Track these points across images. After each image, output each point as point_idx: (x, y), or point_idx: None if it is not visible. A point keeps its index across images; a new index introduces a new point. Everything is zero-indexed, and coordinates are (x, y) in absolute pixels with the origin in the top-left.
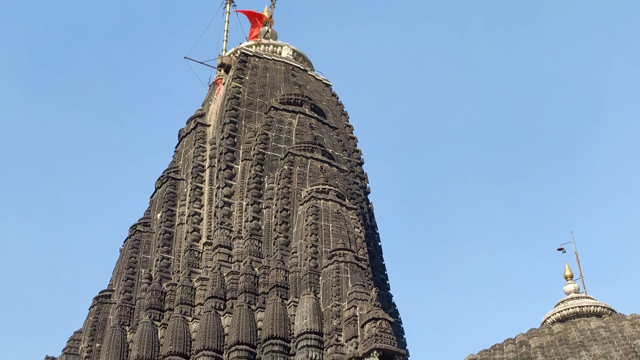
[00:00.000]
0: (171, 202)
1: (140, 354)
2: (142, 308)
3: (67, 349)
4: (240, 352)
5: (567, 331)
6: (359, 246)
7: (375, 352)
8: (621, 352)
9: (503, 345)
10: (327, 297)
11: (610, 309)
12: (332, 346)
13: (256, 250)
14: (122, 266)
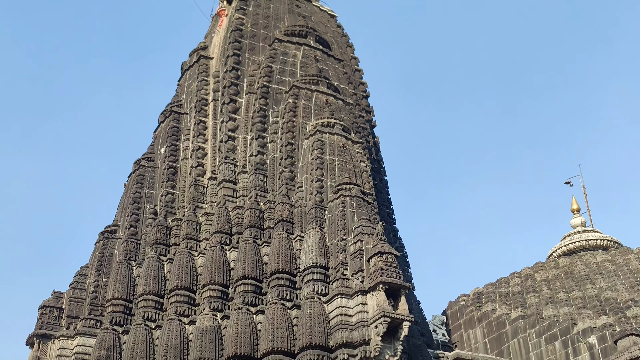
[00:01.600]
0: (175, 136)
1: (146, 288)
2: (147, 243)
3: (74, 283)
4: (246, 286)
5: (573, 264)
6: (364, 180)
7: (381, 285)
8: (627, 284)
9: (509, 278)
10: (333, 231)
11: (616, 242)
12: (338, 280)
13: (261, 184)
14: (126, 201)
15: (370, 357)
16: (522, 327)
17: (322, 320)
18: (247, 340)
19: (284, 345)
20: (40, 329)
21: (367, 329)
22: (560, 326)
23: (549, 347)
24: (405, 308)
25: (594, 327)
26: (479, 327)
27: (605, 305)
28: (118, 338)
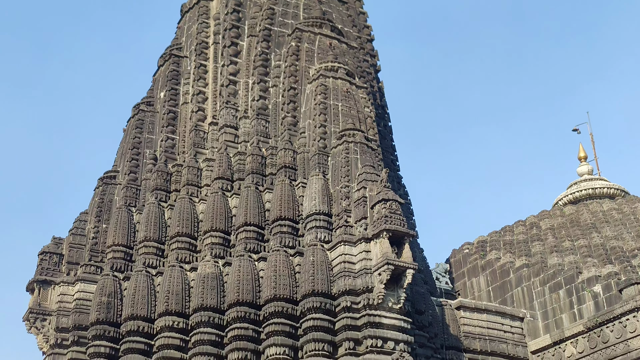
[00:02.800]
0: (175, 80)
1: (147, 234)
2: (147, 189)
3: (74, 229)
4: (248, 233)
5: (579, 213)
6: (369, 126)
7: (385, 233)
8: (633, 233)
9: (513, 227)
10: (336, 178)
11: (623, 190)
12: (341, 227)
13: (263, 130)
14: (126, 147)
15: (373, 305)
16: (526, 275)
17: (325, 267)
18: (249, 287)
19: (287, 292)
20: (40, 275)
21: (371, 276)
22: (564, 275)
23: (553, 296)
24: (409, 256)
25: (599, 275)
26: (483, 275)
27: (611, 254)
28: (119, 284)
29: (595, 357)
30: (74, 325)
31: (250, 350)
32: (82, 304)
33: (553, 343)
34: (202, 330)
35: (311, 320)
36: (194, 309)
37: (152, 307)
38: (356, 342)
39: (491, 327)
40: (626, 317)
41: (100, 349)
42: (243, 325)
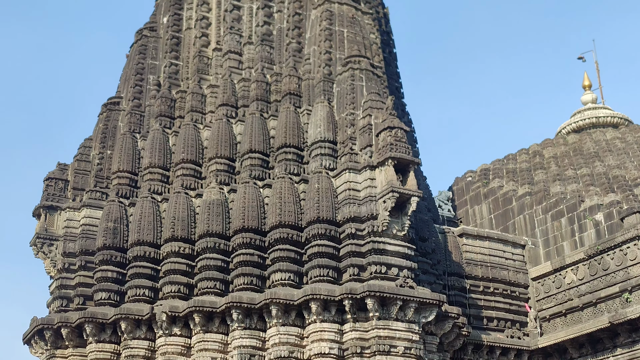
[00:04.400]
0: (178, 5)
1: (152, 161)
2: (152, 115)
3: (79, 155)
4: (253, 160)
5: (582, 142)
6: (374, 53)
7: (390, 161)
8: (636, 163)
9: (516, 155)
10: (342, 105)
11: (627, 119)
12: (346, 155)
13: (268, 56)
14: (129, 72)
15: (377, 232)
16: (529, 203)
17: (330, 194)
18: (255, 214)
19: (292, 219)
20: (47, 201)
21: (375, 203)
22: (567, 203)
23: (554, 224)
24: (413, 183)
25: (601, 204)
26: (485, 203)
27: (613, 183)
28: (124, 210)
29: (595, 284)
30: (80, 250)
31: (256, 276)
32: (89, 229)
33: (554, 270)
34: (207, 256)
35: (316, 247)
36: (199, 235)
37: (158, 233)
38: (360, 269)
39: (493, 254)
40: (627, 245)
41: (108, 274)
42: (248, 252)
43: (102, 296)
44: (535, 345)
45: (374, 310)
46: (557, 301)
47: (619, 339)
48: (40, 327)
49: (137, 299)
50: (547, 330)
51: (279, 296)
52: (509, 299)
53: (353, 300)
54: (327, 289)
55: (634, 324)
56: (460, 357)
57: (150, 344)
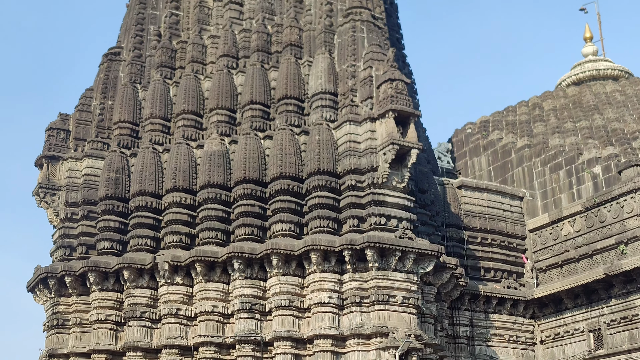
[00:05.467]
0: None
1: (153, 111)
2: (152, 66)
3: (80, 106)
4: (254, 111)
5: (582, 94)
6: (375, 4)
7: (391, 113)
8: (635, 116)
9: (516, 107)
10: (343, 57)
11: (627, 72)
12: (347, 107)
13: (269, 7)
14: (130, 23)
15: (377, 184)
16: (528, 155)
17: (331, 146)
18: (256, 165)
19: (292, 170)
20: (49, 151)
21: (375, 155)
22: (565, 155)
23: (553, 176)
24: (414, 136)
25: (599, 157)
26: (484, 155)
27: (612, 136)
28: (126, 160)
29: (592, 235)
30: (83, 200)
31: (257, 227)
32: (91, 179)
33: (551, 222)
34: (209, 207)
35: (316, 198)
36: (201, 186)
37: (159, 184)
38: (360, 220)
39: (491, 205)
40: (624, 198)
41: (110, 224)
42: (249, 202)
43: (104, 245)
44: (531, 295)
45: (374, 261)
46: (554, 252)
47: (613, 290)
48: (44, 275)
49: (139, 248)
50: (543, 281)
51: (280, 246)
52: (506, 250)
53: (353, 251)
54: (327, 240)
55: (629, 276)
56: (457, 307)
57: (153, 292)
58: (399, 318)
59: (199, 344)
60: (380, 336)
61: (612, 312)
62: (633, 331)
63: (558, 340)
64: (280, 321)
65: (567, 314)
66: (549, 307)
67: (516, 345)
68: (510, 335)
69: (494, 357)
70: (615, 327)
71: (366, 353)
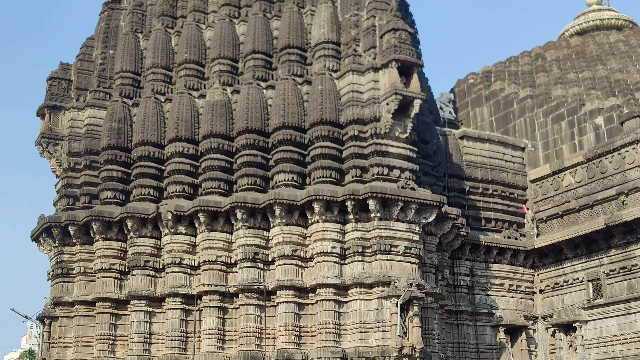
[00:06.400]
0: None
1: (155, 61)
2: (153, 15)
3: (81, 55)
4: (256, 60)
5: (585, 44)
6: None
7: (394, 63)
8: (638, 66)
9: (519, 57)
10: (346, 6)
11: (631, 22)
12: (350, 57)
13: None
14: None
15: (380, 134)
16: (530, 106)
17: (333, 96)
18: (258, 115)
19: (295, 120)
20: (50, 100)
21: (378, 106)
22: (567, 106)
23: (555, 127)
24: (417, 86)
25: (601, 108)
26: (486, 105)
27: (615, 87)
28: (128, 110)
29: (593, 186)
30: (85, 149)
31: (259, 177)
32: (93, 129)
33: (552, 173)
34: (211, 157)
35: (319, 149)
36: (203, 136)
37: (162, 134)
38: (363, 170)
39: (493, 156)
40: (625, 149)
41: (113, 173)
42: (252, 152)
43: (107, 195)
44: (532, 245)
45: (376, 211)
46: (554, 203)
47: (613, 241)
48: (48, 224)
49: (142, 198)
50: (543, 231)
51: (283, 196)
52: (507, 201)
53: (355, 201)
54: (329, 190)
55: (629, 226)
56: (458, 256)
57: (156, 242)
58: (400, 267)
59: (202, 293)
60: (382, 285)
61: (611, 262)
62: (632, 281)
63: (557, 289)
64: (283, 270)
65: (566, 264)
66: (549, 257)
67: (516, 294)
68: (510, 284)
69: (494, 306)
70: (615, 277)
71: (368, 302)
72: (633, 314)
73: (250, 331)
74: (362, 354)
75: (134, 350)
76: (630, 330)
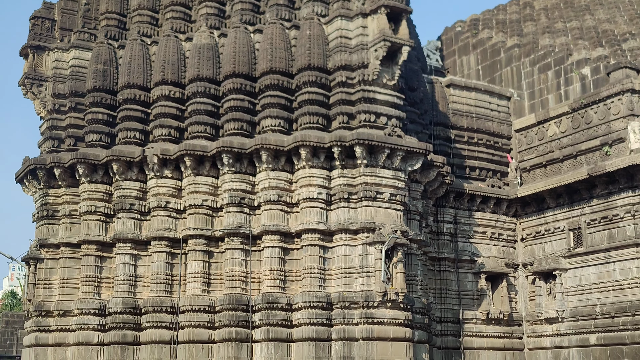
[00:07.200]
0: None
1: (141, 2)
2: None
3: None
4: (244, 4)
5: None
6: None
7: (383, 9)
8: (626, 17)
9: (507, 6)
10: None
11: None
12: (339, 1)
13: None
14: None
15: (368, 81)
16: (517, 55)
17: (322, 41)
18: (245, 59)
19: (282, 65)
20: (34, 40)
21: (366, 52)
22: (555, 56)
23: (541, 76)
24: (405, 33)
25: (588, 58)
26: (473, 53)
27: (602, 37)
28: (114, 52)
29: (577, 137)
30: (70, 91)
31: (246, 122)
32: (78, 71)
33: (537, 122)
34: (198, 100)
35: (306, 94)
36: (189, 79)
37: (148, 77)
38: (350, 117)
39: (479, 105)
40: (611, 100)
41: (98, 116)
42: (239, 97)
43: (93, 138)
44: (515, 194)
45: (362, 158)
46: (538, 153)
47: (595, 191)
48: (33, 166)
49: (128, 141)
50: (527, 181)
51: (269, 142)
52: (492, 150)
53: (342, 147)
54: (316, 136)
55: (612, 177)
56: (442, 204)
57: (142, 185)
58: (385, 214)
59: (188, 237)
60: (367, 231)
61: (593, 211)
62: (612, 230)
63: (539, 238)
64: (269, 215)
65: (548, 213)
66: (532, 206)
67: (498, 242)
68: (492, 232)
69: (476, 253)
70: (595, 226)
71: (353, 247)
72: (612, 262)
73: (235, 275)
74: (346, 298)
75: (119, 292)
76: (609, 278)
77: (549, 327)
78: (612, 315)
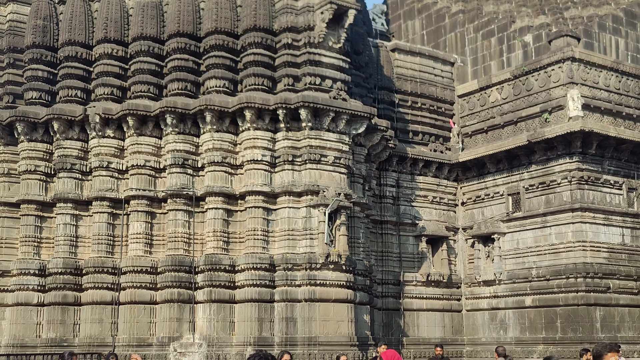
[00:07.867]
0: None
1: None
2: None
3: None
4: None
5: None
6: None
7: None
8: None
9: None
10: None
11: None
12: None
13: None
14: None
15: (313, 43)
16: (461, 21)
17: (267, 2)
18: (190, 19)
19: (228, 25)
20: None
21: (313, 14)
22: (498, 23)
23: (484, 43)
24: None
25: (531, 25)
26: (419, 18)
27: (545, 5)
28: (54, 8)
29: (518, 103)
30: (8, 47)
31: (190, 82)
32: (16, 25)
33: (479, 88)
34: (141, 59)
35: (252, 55)
36: (133, 38)
37: (90, 34)
38: (295, 79)
39: (423, 70)
40: (552, 68)
41: (38, 73)
42: (183, 57)
43: (32, 95)
44: (456, 159)
45: (307, 121)
46: (480, 118)
47: (534, 157)
48: None
49: (69, 99)
50: (468, 146)
51: (214, 103)
52: (435, 115)
53: (287, 110)
54: (261, 98)
55: (550, 143)
56: (385, 168)
57: (83, 144)
58: (329, 177)
59: (130, 197)
60: (311, 194)
61: (531, 177)
62: (549, 196)
63: (478, 202)
64: (213, 177)
65: (488, 178)
66: (472, 171)
67: (439, 206)
68: (434, 196)
69: (417, 216)
70: (533, 191)
71: (297, 210)
72: (548, 227)
73: (178, 236)
74: (289, 260)
75: (59, 252)
76: (545, 242)
77: (486, 289)
78: (547, 278)
